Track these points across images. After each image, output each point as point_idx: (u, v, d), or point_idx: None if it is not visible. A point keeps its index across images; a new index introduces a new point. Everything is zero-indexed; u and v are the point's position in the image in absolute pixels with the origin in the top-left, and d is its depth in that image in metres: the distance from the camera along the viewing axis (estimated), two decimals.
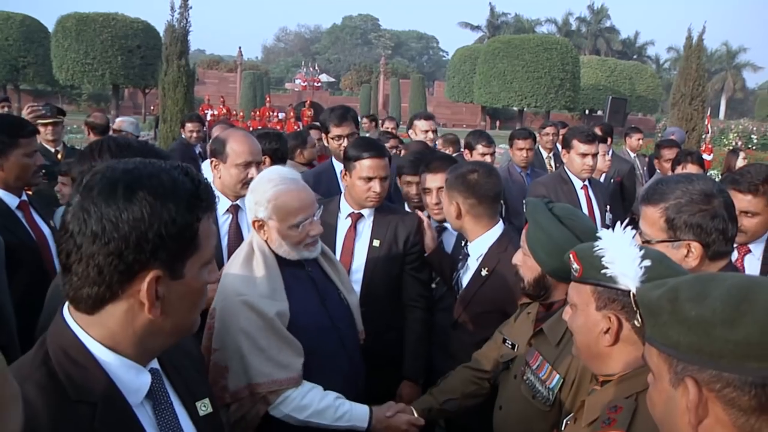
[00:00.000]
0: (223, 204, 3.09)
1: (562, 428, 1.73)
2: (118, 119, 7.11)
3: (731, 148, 10.22)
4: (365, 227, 3.21)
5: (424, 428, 2.52)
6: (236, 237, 3.04)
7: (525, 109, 31.41)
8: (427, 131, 5.50)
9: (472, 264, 2.92)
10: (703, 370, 0.97)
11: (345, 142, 4.03)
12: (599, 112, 17.99)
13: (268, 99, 28.61)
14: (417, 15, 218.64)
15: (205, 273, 1.26)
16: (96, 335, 1.18)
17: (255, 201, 2.33)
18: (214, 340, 2.26)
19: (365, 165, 3.09)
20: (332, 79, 60.36)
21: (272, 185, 2.31)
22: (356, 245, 3.19)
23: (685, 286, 1.05)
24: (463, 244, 3.06)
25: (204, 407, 1.40)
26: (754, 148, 25.72)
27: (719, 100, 65.23)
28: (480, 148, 5.03)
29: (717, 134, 27.11)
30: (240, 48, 43.03)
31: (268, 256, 2.33)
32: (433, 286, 3.29)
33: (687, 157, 4.46)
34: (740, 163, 7.67)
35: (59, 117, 5.67)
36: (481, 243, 2.88)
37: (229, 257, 2.89)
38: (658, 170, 6.49)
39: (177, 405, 1.34)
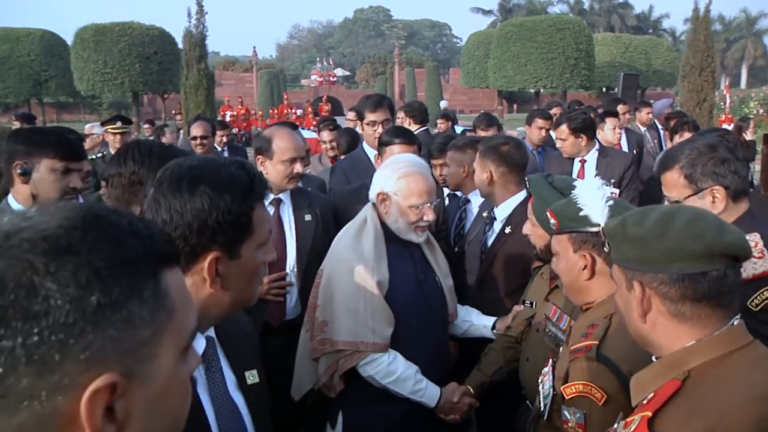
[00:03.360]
0: (267, 198, 3.24)
1: (559, 353, 2.02)
2: (87, 125, 7.69)
3: (741, 116, 10.33)
4: None
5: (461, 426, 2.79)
6: (278, 229, 3.17)
7: (541, 90, 31.37)
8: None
9: (497, 226, 3.22)
10: (644, 274, 1.33)
11: (380, 129, 4.20)
12: (616, 89, 18.06)
13: (285, 96, 28.97)
14: (429, 3, 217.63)
15: (261, 253, 1.41)
16: None
17: (386, 176, 2.54)
18: (319, 296, 2.53)
19: (395, 151, 3.32)
20: (347, 73, 60.58)
21: (405, 164, 2.56)
22: None
23: (631, 214, 1.41)
24: (484, 214, 3.37)
25: (252, 377, 1.53)
26: None
27: (740, 69, 64.15)
28: (479, 132, 5.54)
29: (737, 103, 26.81)
30: (254, 48, 43.39)
31: (378, 230, 2.53)
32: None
33: (683, 125, 4.71)
34: (750, 129, 7.86)
35: (126, 127, 6.18)
36: (507, 206, 3.19)
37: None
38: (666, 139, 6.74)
39: (227, 371, 1.48)
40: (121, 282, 0.68)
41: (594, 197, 1.82)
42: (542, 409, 1.93)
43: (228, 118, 21.30)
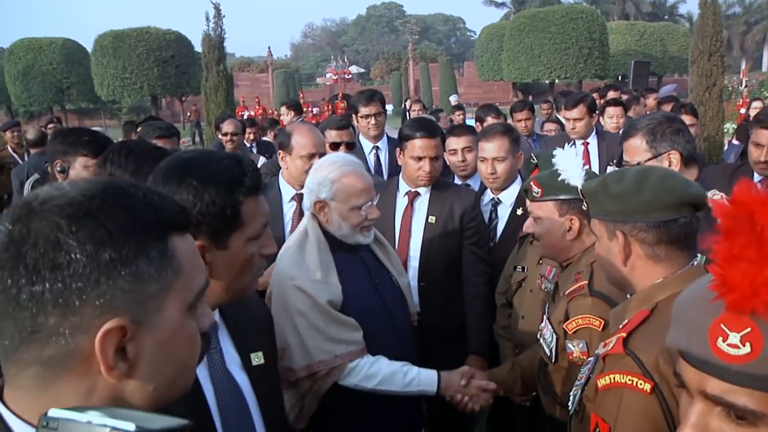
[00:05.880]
0: (288, 192, 3.29)
1: (546, 310, 2.32)
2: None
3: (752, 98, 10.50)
4: (422, 204, 3.34)
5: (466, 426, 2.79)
6: (300, 222, 3.23)
7: (556, 81, 31.41)
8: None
9: (504, 211, 3.45)
10: (625, 224, 1.60)
11: (372, 121, 4.49)
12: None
13: (301, 95, 29.29)
14: None
15: (253, 246, 1.44)
16: None
17: (318, 182, 2.37)
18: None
19: (416, 144, 3.25)
20: (362, 70, 60.76)
21: (336, 167, 2.38)
22: (413, 223, 3.32)
23: (609, 175, 1.70)
24: (487, 201, 3.51)
25: (257, 359, 1.56)
26: None
27: (761, 51, 63.22)
28: (489, 119, 5.72)
29: (756, 87, 26.53)
30: (269, 48, 43.61)
31: (322, 240, 2.37)
32: None
33: (681, 108, 4.94)
34: (753, 112, 8.17)
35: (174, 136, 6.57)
36: (511, 190, 3.45)
37: None
38: None
39: (231, 351, 1.53)
40: (131, 242, 0.81)
41: (571, 164, 2.14)
42: (549, 354, 2.17)
43: (245, 118, 21.58)
